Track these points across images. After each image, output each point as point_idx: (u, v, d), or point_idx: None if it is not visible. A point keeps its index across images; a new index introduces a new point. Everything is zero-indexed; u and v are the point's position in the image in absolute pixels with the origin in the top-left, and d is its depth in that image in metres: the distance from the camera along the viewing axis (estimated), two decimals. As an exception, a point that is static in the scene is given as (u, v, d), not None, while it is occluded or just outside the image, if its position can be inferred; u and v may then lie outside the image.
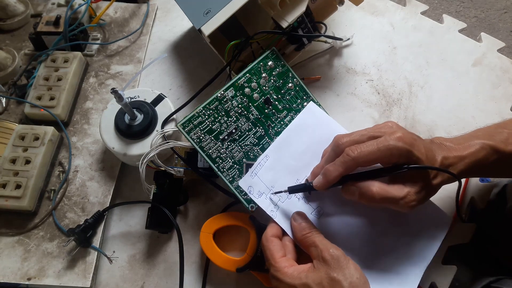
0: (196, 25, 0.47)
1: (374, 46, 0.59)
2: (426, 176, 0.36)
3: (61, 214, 0.46)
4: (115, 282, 0.44)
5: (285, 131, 0.44)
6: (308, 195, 0.42)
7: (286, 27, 0.45)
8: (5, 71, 0.55)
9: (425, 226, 0.42)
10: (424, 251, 0.41)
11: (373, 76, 0.56)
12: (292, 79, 0.47)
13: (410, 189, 0.35)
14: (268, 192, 0.41)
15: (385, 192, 0.35)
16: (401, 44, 0.59)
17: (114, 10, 0.62)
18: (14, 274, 0.43)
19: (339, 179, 0.37)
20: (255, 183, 0.42)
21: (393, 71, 0.56)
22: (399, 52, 0.58)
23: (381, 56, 0.58)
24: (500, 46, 0.58)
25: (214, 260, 0.42)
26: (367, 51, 0.58)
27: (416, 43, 0.59)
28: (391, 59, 0.58)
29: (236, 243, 0.45)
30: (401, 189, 0.35)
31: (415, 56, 0.58)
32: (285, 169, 0.42)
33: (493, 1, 1.49)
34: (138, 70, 0.56)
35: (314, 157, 0.43)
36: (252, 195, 0.41)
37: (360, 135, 0.37)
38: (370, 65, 0.57)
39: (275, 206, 0.41)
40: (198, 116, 0.42)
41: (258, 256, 0.41)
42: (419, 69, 0.57)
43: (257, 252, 0.41)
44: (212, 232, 0.43)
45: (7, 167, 0.46)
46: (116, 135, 0.46)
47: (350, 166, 0.36)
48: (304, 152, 0.43)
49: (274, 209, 0.41)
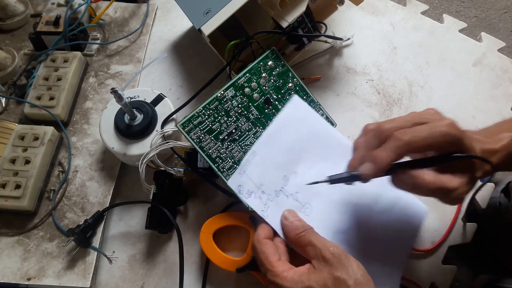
0: (196, 25, 0.47)
1: (374, 46, 0.59)
2: (472, 167, 0.34)
3: (61, 214, 0.46)
4: (115, 282, 0.44)
5: (271, 125, 0.43)
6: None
7: (286, 27, 0.45)
8: (4, 71, 0.55)
9: (405, 218, 0.42)
10: (403, 244, 0.41)
11: (373, 76, 0.56)
12: (292, 79, 0.47)
13: (461, 180, 0.33)
14: (258, 191, 0.40)
15: (440, 182, 0.33)
16: (401, 44, 0.59)
17: (114, 10, 0.62)
18: (14, 274, 0.43)
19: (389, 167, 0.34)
20: (244, 182, 0.41)
21: (393, 71, 0.56)
22: (399, 52, 0.58)
23: (381, 56, 0.58)
24: (500, 46, 0.58)
25: (214, 260, 0.42)
26: (367, 51, 0.58)
27: (416, 43, 0.59)
28: (391, 59, 0.58)
29: (236, 243, 0.45)
30: (453, 180, 0.33)
31: (415, 56, 0.58)
32: (273, 165, 0.42)
33: (493, 1, 1.49)
34: (138, 70, 0.56)
35: (302, 152, 0.42)
36: (242, 194, 0.40)
37: (405, 121, 0.34)
38: (370, 65, 0.57)
39: (265, 205, 0.40)
40: (198, 116, 0.42)
41: None
42: (419, 69, 0.57)
43: None
44: (212, 232, 0.43)
45: (7, 167, 0.46)
46: (116, 135, 0.46)
47: (403, 151, 0.33)
48: (291, 147, 0.42)
49: (264, 208, 0.40)
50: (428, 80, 0.56)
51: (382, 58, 0.57)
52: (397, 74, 0.56)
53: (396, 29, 0.60)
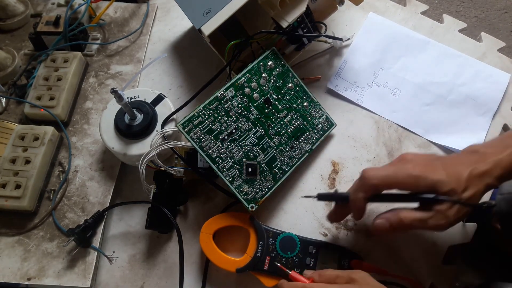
0: (196, 25, 0.47)
1: (374, 46, 0.58)
2: (451, 194, 0.35)
3: (61, 214, 0.46)
4: (115, 282, 0.44)
5: (355, 39, 0.57)
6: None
7: (286, 27, 0.45)
8: (5, 71, 0.55)
9: (487, 85, 0.54)
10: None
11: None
12: (292, 79, 0.47)
13: (439, 208, 0.35)
14: (352, 86, 0.54)
15: (413, 215, 0.36)
16: (401, 44, 0.59)
17: (114, 10, 0.62)
18: (14, 274, 0.43)
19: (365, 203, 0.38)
20: (339, 83, 0.54)
21: (393, 71, 0.56)
22: (399, 52, 0.58)
23: (381, 56, 0.58)
24: (500, 46, 0.58)
25: (214, 260, 0.42)
26: (367, 51, 0.58)
27: (416, 43, 0.59)
28: (391, 59, 0.57)
29: (236, 243, 0.45)
30: (428, 212, 0.35)
31: (415, 56, 0.58)
32: (362, 67, 0.55)
33: (493, 1, 1.49)
34: (138, 70, 0.56)
35: (385, 53, 0.56)
36: (340, 91, 0.54)
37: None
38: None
39: (359, 95, 0.53)
40: (198, 116, 0.42)
41: (257, 256, 0.41)
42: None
43: (256, 253, 0.41)
44: (212, 232, 0.43)
45: (7, 167, 0.46)
46: (116, 135, 0.46)
47: (365, 186, 0.37)
48: (375, 50, 0.56)
49: (359, 97, 0.53)
50: (428, 80, 0.56)
51: (382, 58, 0.57)
52: (397, 74, 0.56)
53: (396, 29, 0.60)
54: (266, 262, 0.41)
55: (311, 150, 0.47)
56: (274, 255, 0.42)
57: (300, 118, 0.47)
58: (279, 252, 0.42)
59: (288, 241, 0.42)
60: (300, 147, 0.47)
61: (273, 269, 0.41)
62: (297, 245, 0.42)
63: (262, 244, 0.42)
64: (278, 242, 0.42)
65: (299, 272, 0.40)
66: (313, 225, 0.46)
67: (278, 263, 0.41)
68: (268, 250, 0.42)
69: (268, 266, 0.41)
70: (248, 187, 0.43)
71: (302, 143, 0.47)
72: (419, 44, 0.56)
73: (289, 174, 0.45)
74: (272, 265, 0.41)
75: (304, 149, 0.47)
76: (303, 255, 0.42)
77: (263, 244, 0.42)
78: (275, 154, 0.45)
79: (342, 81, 0.54)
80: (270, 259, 0.42)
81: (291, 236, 0.43)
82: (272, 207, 0.47)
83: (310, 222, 0.46)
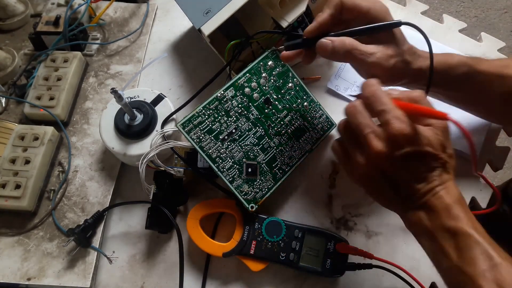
0: (196, 25, 0.47)
1: (374, 46, 0.58)
2: (399, 45, 0.39)
3: (61, 214, 0.46)
4: (115, 282, 0.44)
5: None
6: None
7: (286, 27, 0.45)
8: (4, 71, 0.55)
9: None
10: None
11: (373, 76, 0.56)
12: (292, 79, 0.47)
13: (381, 48, 0.38)
14: (353, 86, 0.54)
15: (357, 44, 0.38)
16: (401, 44, 0.59)
17: (114, 10, 0.62)
18: (14, 274, 0.43)
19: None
20: (339, 83, 0.55)
21: (393, 71, 0.56)
22: (399, 52, 0.58)
23: (381, 56, 0.58)
24: (500, 46, 0.58)
25: (200, 245, 0.42)
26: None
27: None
28: (391, 59, 0.57)
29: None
30: (373, 47, 0.38)
31: (415, 56, 0.57)
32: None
33: (493, 1, 1.49)
34: (138, 70, 0.56)
35: None
36: (340, 91, 0.54)
37: None
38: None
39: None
40: (198, 116, 0.42)
41: (244, 240, 0.42)
42: (419, 69, 0.56)
43: (243, 237, 0.42)
44: (199, 218, 0.43)
45: (7, 167, 0.46)
46: (116, 135, 0.46)
47: (338, 6, 0.39)
48: None
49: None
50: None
51: (382, 58, 0.57)
52: (397, 74, 0.56)
53: (396, 29, 0.60)
54: (252, 246, 0.42)
55: (311, 150, 0.47)
56: (260, 239, 0.42)
57: (300, 118, 0.47)
58: (265, 236, 0.42)
59: (274, 225, 0.43)
60: (300, 147, 0.47)
61: (259, 253, 0.42)
62: (283, 229, 0.43)
63: (248, 228, 0.43)
64: (264, 226, 0.43)
65: (284, 256, 0.42)
66: (314, 225, 0.46)
67: (264, 247, 0.42)
68: (254, 234, 0.43)
69: (254, 250, 0.42)
70: (248, 187, 0.43)
71: (302, 143, 0.47)
72: (419, 44, 0.56)
73: (289, 174, 0.45)
74: (258, 249, 0.42)
75: (304, 149, 0.47)
76: (288, 239, 0.43)
77: (249, 229, 0.43)
78: (275, 154, 0.45)
79: (342, 81, 0.55)
80: (256, 243, 0.42)
81: (277, 220, 0.43)
82: (272, 207, 0.47)
83: (310, 222, 0.46)
